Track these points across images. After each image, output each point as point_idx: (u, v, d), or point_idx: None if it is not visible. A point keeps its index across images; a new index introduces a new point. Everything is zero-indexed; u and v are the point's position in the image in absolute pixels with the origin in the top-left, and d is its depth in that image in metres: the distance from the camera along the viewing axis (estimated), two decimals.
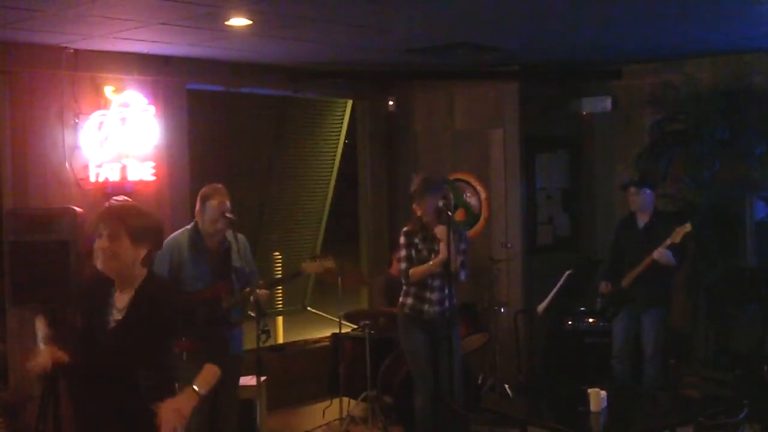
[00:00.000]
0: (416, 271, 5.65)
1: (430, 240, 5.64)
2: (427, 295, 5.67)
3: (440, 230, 5.49)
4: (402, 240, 5.75)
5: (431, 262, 5.59)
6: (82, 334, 3.35)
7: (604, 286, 6.57)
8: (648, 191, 6.50)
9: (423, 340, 5.69)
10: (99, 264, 3.25)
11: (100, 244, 3.23)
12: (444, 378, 5.64)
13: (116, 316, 3.28)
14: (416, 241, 5.69)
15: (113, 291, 3.32)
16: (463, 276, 5.72)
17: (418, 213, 5.69)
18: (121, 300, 3.30)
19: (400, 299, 5.81)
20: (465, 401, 5.90)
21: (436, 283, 5.62)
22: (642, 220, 6.52)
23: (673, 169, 7.25)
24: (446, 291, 5.59)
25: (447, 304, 5.58)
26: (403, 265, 5.73)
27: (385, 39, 6.30)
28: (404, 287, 5.79)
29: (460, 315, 6.15)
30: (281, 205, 8.64)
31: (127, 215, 3.31)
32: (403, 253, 5.74)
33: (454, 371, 5.61)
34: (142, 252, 3.27)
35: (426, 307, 5.66)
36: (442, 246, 5.49)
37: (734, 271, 7.16)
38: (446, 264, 5.48)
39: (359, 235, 8.63)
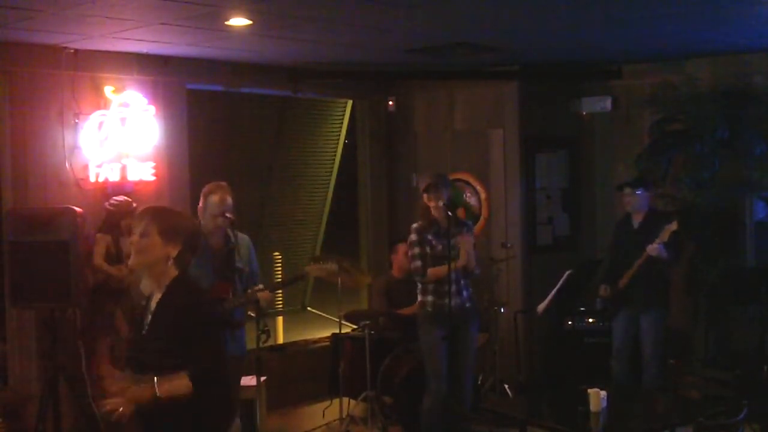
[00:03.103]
0: (434, 271, 5.66)
1: (443, 235, 5.64)
2: (446, 288, 5.64)
3: (462, 240, 5.60)
4: (414, 237, 5.72)
5: (447, 267, 5.56)
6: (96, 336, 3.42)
7: (603, 290, 6.58)
8: (642, 192, 6.50)
9: (441, 337, 5.66)
10: (131, 260, 3.33)
11: (131, 239, 3.32)
12: (457, 377, 5.68)
13: (149, 318, 3.32)
14: (429, 237, 5.68)
15: (150, 296, 3.37)
16: (478, 271, 5.81)
17: (431, 205, 5.65)
18: (155, 302, 3.34)
19: (419, 298, 5.80)
20: (472, 402, 5.90)
21: (452, 275, 5.62)
22: (637, 220, 6.54)
23: (672, 169, 7.25)
24: (462, 282, 5.67)
25: (465, 294, 5.67)
26: (418, 263, 5.70)
27: (385, 39, 6.31)
28: (420, 286, 5.78)
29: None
30: (281, 205, 8.65)
31: (160, 213, 3.40)
32: (416, 250, 5.71)
33: (466, 368, 5.67)
34: (173, 251, 3.31)
35: (447, 301, 5.64)
36: (462, 251, 5.58)
37: (734, 271, 7.17)
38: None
39: (359, 235, 8.63)
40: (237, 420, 3.76)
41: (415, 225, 5.77)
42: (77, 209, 5.70)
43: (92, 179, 6.33)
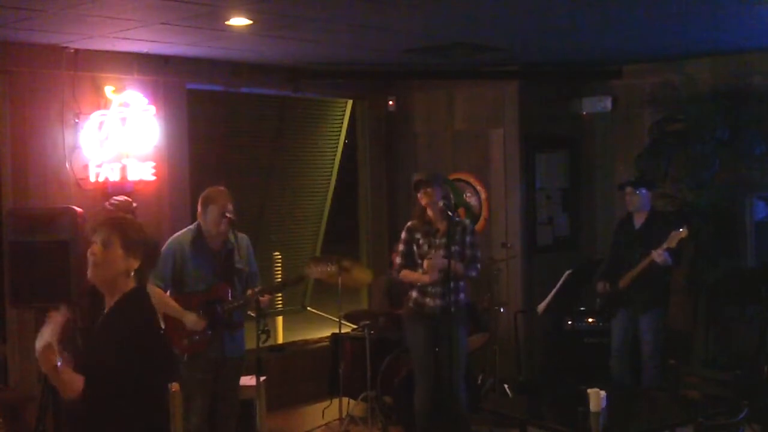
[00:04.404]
0: (406, 274, 5.74)
1: (433, 234, 5.65)
2: (429, 289, 5.66)
3: (429, 264, 5.60)
4: (403, 235, 5.79)
5: (419, 276, 5.64)
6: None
7: (601, 287, 6.59)
8: (644, 191, 6.51)
9: (424, 334, 5.69)
10: (88, 271, 3.16)
11: (92, 249, 3.15)
12: (444, 376, 5.66)
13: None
14: (417, 236, 5.70)
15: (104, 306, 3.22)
16: (474, 273, 5.73)
17: (424, 202, 5.65)
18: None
19: (409, 292, 5.83)
20: (467, 401, 5.89)
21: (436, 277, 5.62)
22: (639, 220, 6.54)
23: (673, 169, 7.26)
24: (451, 285, 5.58)
25: (452, 298, 5.58)
26: (398, 260, 5.78)
27: (385, 39, 6.31)
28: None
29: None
30: (281, 205, 8.63)
31: (123, 225, 3.25)
32: (400, 247, 5.78)
33: (453, 369, 5.62)
34: (134, 264, 3.17)
35: (428, 300, 5.66)
36: (426, 264, 5.57)
37: (734, 271, 7.17)
38: (446, 261, 5.49)
39: (359, 235, 8.63)
40: None
41: (408, 223, 5.81)
42: (77, 209, 5.70)
43: (92, 179, 6.32)
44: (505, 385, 7.10)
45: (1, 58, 5.98)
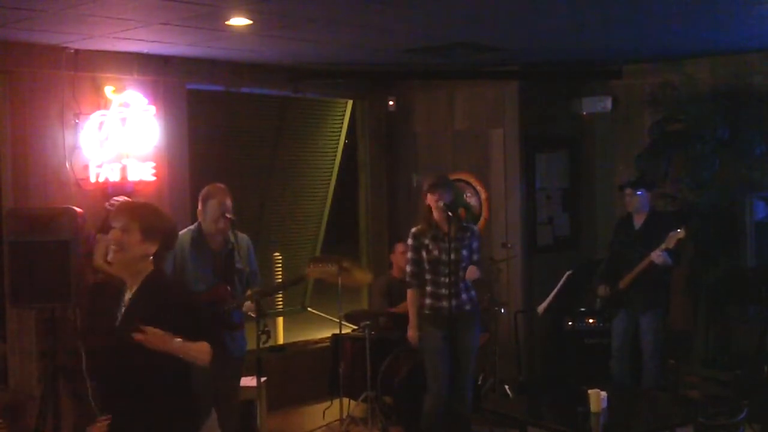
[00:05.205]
0: (409, 300, 5.81)
1: (441, 238, 5.62)
2: (443, 291, 5.64)
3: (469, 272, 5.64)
4: (410, 242, 5.75)
5: (411, 318, 5.77)
6: (86, 336, 3.36)
7: (602, 290, 6.59)
8: (643, 192, 6.51)
9: (440, 337, 5.67)
10: (110, 256, 3.31)
11: (112, 235, 3.29)
12: (454, 380, 5.69)
13: (122, 311, 3.30)
14: (426, 241, 5.66)
15: (124, 291, 3.33)
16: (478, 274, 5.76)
17: (434, 205, 5.62)
18: (129, 295, 3.33)
19: (421, 300, 5.78)
20: (472, 403, 5.90)
21: (448, 279, 5.61)
22: (638, 221, 6.55)
23: (673, 169, 7.26)
24: (462, 285, 5.64)
25: (464, 297, 5.65)
26: (409, 268, 5.76)
27: (385, 39, 6.31)
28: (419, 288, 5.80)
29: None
30: (281, 205, 8.63)
31: (141, 210, 3.38)
32: (410, 255, 5.75)
33: (463, 370, 5.65)
34: (152, 249, 3.30)
35: (444, 303, 5.64)
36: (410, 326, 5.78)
37: (734, 271, 7.17)
38: (456, 262, 5.54)
39: (359, 235, 8.63)
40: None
41: (413, 229, 5.76)
42: (77, 209, 5.70)
43: (92, 179, 6.32)
44: (505, 385, 7.10)
45: (1, 58, 5.98)
